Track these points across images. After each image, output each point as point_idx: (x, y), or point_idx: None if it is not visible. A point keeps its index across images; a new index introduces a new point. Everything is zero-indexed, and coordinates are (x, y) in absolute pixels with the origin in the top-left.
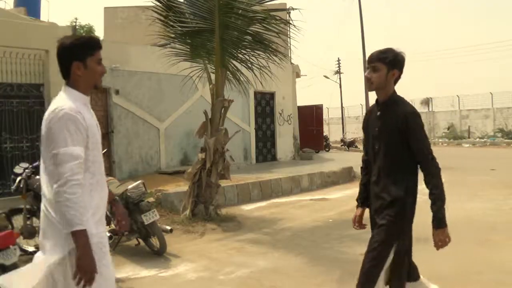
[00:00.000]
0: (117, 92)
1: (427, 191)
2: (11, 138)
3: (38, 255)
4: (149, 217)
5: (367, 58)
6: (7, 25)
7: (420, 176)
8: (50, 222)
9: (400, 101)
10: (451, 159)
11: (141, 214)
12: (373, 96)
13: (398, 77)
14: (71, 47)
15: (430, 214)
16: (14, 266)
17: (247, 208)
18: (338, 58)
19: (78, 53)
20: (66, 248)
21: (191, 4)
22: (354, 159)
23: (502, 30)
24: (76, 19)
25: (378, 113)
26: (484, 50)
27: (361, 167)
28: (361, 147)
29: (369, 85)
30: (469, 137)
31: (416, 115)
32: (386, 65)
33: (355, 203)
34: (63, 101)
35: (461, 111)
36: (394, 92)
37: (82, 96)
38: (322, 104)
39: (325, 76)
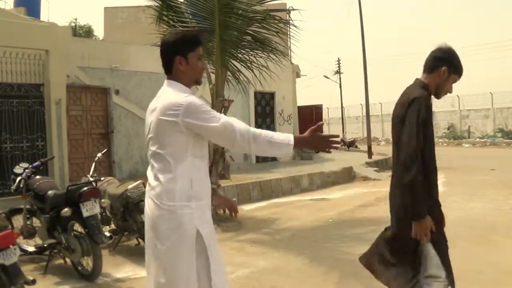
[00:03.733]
0: (117, 92)
1: None
2: (11, 138)
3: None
4: None
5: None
6: (7, 25)
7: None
8: (163, 211)
9: None
10: (451, 159)
11: (141, 214)
12: (373, 96)
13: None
14: (174, 43)
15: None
16: (14, 266)
17: (247, 208)
18: (338, 58)
19: (180, 48)
20: (182, 228)
21: (191, 4)
22: (354, 159)
23: (502, 30)
24: (75, 19)
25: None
26: (484, 50)
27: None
28: (361, 147)
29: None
30: (469, 137)
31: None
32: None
33: (355, 203)
34: (177, 94)
35: (461, 111)
36: None
37: (186, 89)
38: (322, 104)
39: (325, 76)
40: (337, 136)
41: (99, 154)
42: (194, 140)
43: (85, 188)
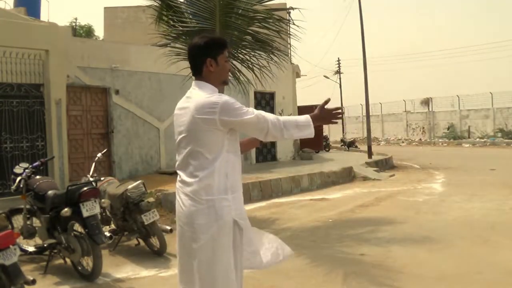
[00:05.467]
0: (117, 92)
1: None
2: (11, 138)
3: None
4: (149, 217)
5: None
6: (7, 25)
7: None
8: (201, 205)
9: None
10: (451, 159)
11: (141, 214)
12: (373, 96)
13: None
14: (205, 46)
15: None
16: (14, 266)
17: (247, 208)
18: (338, 58)
19: (210, 51)
20: (221, 220)
21: (192, 4)
22: (354, 159)
23: (502, 30)
24: (76, 19)
25: None
26: (484, 50)
27: None
28: (361, 147)
29: None
30: (469, 137)
31: None
32: None
33: (355, 203)
34: (208, 94)
35: (461, 111)
36: None
37: (215, 89)
38: None
39: (325, 76)
40: (340, 108)
41: (99, 154)
42: (228, 135)
43: (85, 188)
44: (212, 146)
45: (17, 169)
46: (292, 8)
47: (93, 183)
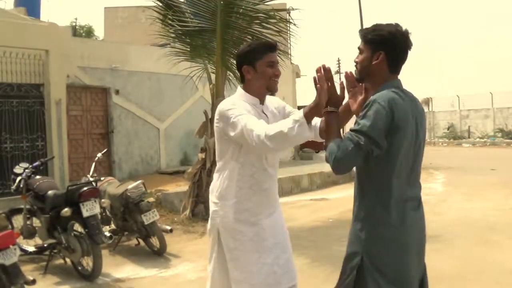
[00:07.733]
0: (117, 92)
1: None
2: (11, 138)
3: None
4: (149, 217)
5: None
6: (7, 25)
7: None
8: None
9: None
10: (451, 159)
11: (141, 214)
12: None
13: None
14: (241, 54)
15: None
16: (14, 266)
17: None
18: (338, 58)
19: (247, 58)
20: (211, 222)
21: (192, 4)
22: None
23: (501, 30)
24: (76, 19)
25: None
26: (484, 50)
27: None
28: None
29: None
30: (469, 137)
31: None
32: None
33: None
34: (232, 98)
35: (461, 111)
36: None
37: (252, 98)
38: None
39: None
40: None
41: (99, 154)
42: (234, 145)
43: (85, 188)
44: (220, 152)
45: (17, 169)
46: (292, 8)
47: (93, 183)
